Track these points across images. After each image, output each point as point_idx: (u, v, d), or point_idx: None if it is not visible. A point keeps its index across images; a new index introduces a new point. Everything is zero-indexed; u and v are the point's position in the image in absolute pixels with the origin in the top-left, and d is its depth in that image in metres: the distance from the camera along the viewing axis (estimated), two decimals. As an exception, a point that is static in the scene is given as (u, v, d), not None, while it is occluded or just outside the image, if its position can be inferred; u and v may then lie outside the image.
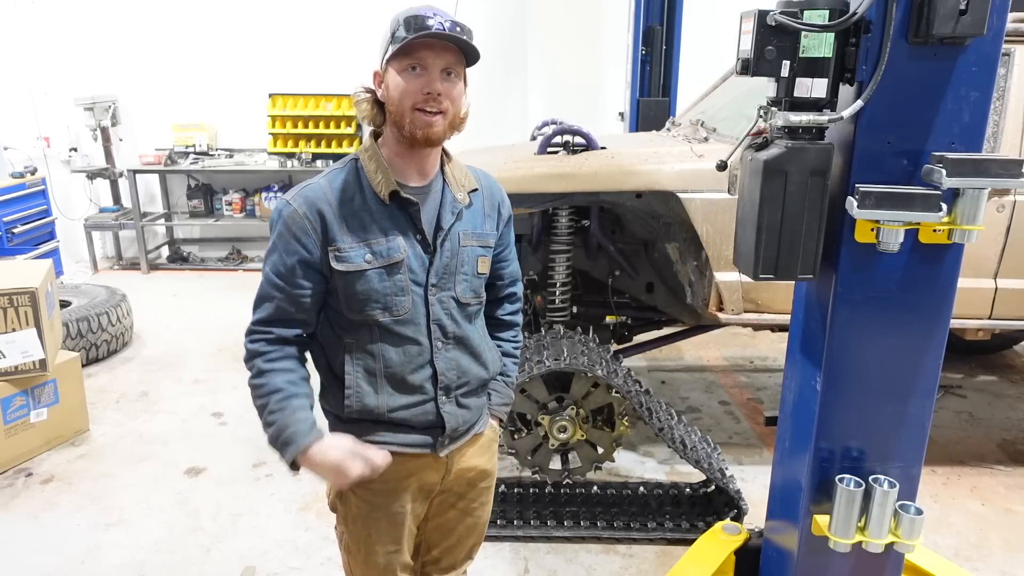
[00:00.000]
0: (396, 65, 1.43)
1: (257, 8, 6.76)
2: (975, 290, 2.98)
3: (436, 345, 1.56)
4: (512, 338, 1.81)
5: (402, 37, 1.39)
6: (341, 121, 6.91)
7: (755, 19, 1.60)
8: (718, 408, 4.12)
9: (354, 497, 1.62)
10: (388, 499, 1.61)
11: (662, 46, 5.82)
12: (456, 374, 1.59)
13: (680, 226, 3.04)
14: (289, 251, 1.48)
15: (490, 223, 1.64)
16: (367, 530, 1.64)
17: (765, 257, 1.71)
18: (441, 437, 1.60)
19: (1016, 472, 3.42)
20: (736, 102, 3.36)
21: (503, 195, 1.69)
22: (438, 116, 1.44)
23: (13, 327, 3.35)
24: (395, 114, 1.45)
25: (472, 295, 1.61)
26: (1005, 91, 2.86)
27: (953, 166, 1.57)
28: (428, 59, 1.42)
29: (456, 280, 1.57)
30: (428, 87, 1.42)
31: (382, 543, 1.65)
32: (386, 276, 1.49)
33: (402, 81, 1.43)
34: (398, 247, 1.50)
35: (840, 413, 1.84)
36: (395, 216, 1.51)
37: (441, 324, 1.56)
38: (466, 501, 1.76)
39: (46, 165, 6.74)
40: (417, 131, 1.44)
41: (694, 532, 2.76)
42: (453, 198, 1.56)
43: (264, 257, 1.54)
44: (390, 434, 1.58)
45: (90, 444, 3.64)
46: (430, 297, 1.54)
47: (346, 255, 1.47)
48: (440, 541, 1.80)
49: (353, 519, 1.65)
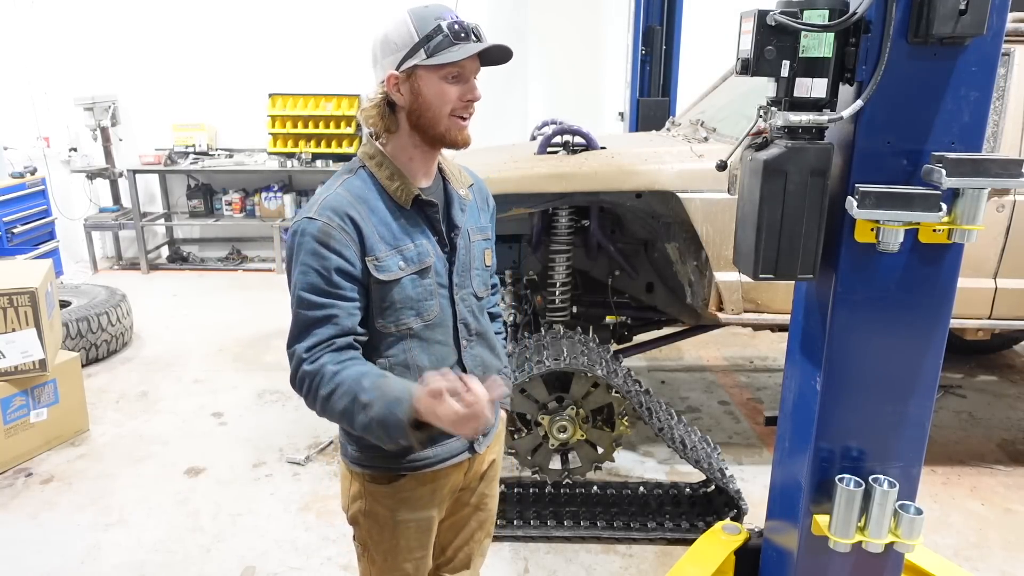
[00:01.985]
0: (436, 71, 1.40)
1: (257, 8, 6.76)
2: (975, 290, 2.98)
3: (462, 344, 1.57)
4: (499, 329, 1.82)
5: (446, 45, 1.38)
6: (341, 121, 6.91)
7: (755, 19, 1.60)
8: (718, 408, 4.12)
9: (382, 509, 1.59)
10: (418, 505, 1.59)
11: (662, 46, 5.82)
12: (481, 369, 1.61)
13: (680, 226, 3.04)
14: (327, 265, 1.39)
15: (484, 216, 1.67)
16: (395, 539, 1.61)
17: (765, 257, 1.71)
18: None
19: (1016, 472, 3.42)
20: (736, 102, 3.36)
21: (487, 188, 1.73)
22: (468, 121, 1.47)
23: (13, 327, 3.35)
24: (429, 119, 1.43)
25: (484, 288, 1.64)
26: (1005, 91, 2.86)
27: (953, 166, 1.57)
28: (469, 67, 1.42)
29: (472, 276, 1.59)
30: (470, 94, 1.44)
31: (410, 550, 1.63)
32: (418, 281, 1.48)
33: (445, 87, 1.41)
34: (426, 251, 1.49)
35: (840, 413, 1.84)
36: (416, 220, 1.50)
37: (466, 323, 1.58)
38: (477, 495, 1.75)
39: (46, 165, 6.74)
40: (457, 136, 1.45)
41: (694, 532, 2.76)
42: (458, 195, 1.57)
43: (291, 284, 1.43)
44: (431, 448, 1.55)
45: (90, 444, 3.64)
46: (455, 297, 1.55)
47: (384, 264, 1.44)
48: (453, 538, 1.78)
49: (380, 530, 1.61)
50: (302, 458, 3.46)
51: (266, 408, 4.03)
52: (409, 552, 1.63)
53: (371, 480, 1.58)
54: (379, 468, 1.56)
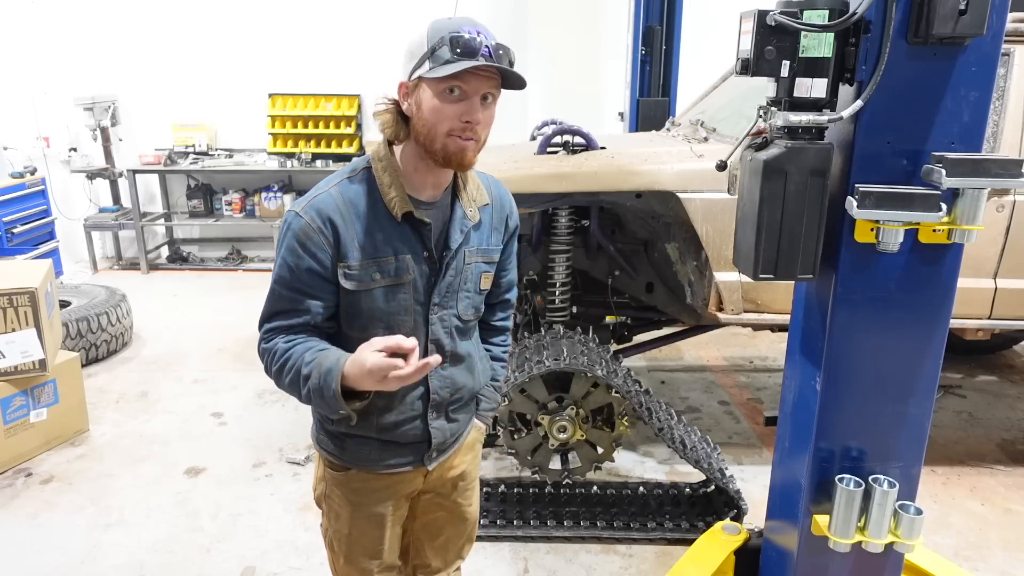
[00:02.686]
0: (433, 86, 1.33)
1: (257, 8, 6.75)
2: (975, 290, 2.98)
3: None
4: (502, 342, 1.80)
5: (445, 58, 1.30)
6: (341, 121, 6.90)
7: (755, 19, 1.60)
8: (718, 408, 4.12)
9: (337, 495, 1.62)
10: (369, 500, 1.61)
11: (662, 46, 5.82)
12: (450, 391, 1.58)
13: (680, 226, 3.04)
14: (300, 264, 1.42)
15: (496, 236, 1.60)
16: (348, 528, 1.64)
17: (765, 257, 1.71)
18: (428, 451, 1.60)
19: (1016, 472, 3.42)
20: (736, 102, 3.36)
21: (512, 207, 1.64)
22: (471, 142, 1.37)
23: (13, 327, 3.35)
24: (426, 136, 1.37)
25: (473, 312, 1.58)
26: (1005, 91, 2.86)
27: (953, 166, 1.57)
28: (470, 84, 1.33)
29: (459, 298, 1.54)
30: (468, 115, 1.34)
31: (362, 542, 1.65)
32: (392, 295, 1.46)
33: (440, 104, 1.34)
34: (406, 267, 1.45)
35: (840, 413, 1.84)
36: (405, 234, 1.45)
37: (439, 342, 1.53)
38: (451, 502, 1.75)
39: (46, 165, 6.74)
40: (451, 156, 1.37)
41: (694, 532, 2.76)
42: (463, 215, 1.51)
43: (274, 268, 1.47)
44: (376, 453, 1.57)
45: (90, 444, 3.64)
46: (431, 316, 1.51)
47: (355, 273, 1.42)
48: (429, 541, 1.79)
49: (336, 517, 1.65)
50: (302, 458, 3.46)
51: (266, 408, 4.03)
52: (362, 545, 1.64)
53: (329, 465, 1.62)
54: (334, 456, 1.60)
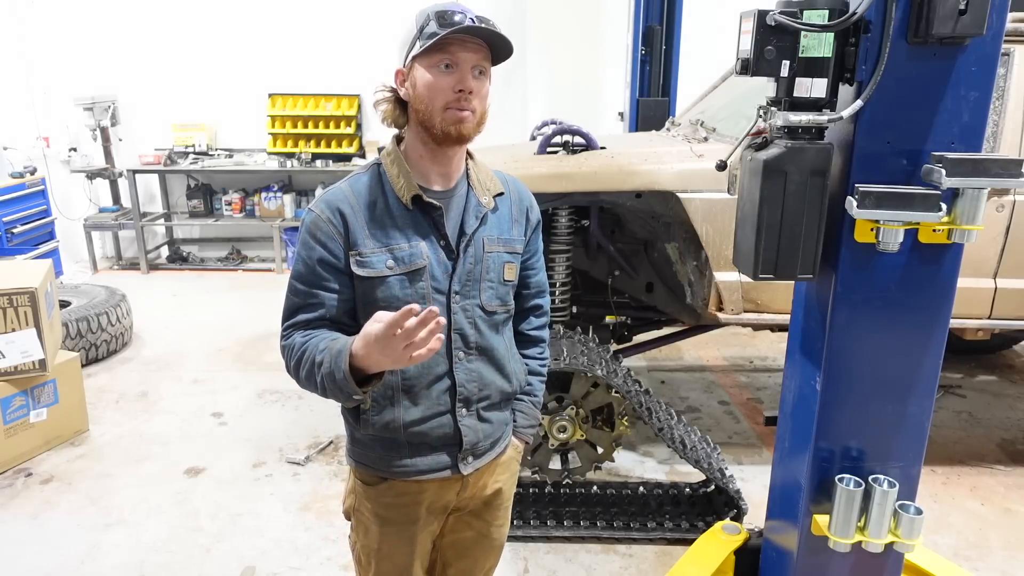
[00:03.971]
0: (425, 62, 1.38)
1: (257, 8, 6.76)
2: (975, 290, 2.98)
3: (456, 355, 1.50)
4: (539, 355, 1.74)
5: (432, 32, 1.35)
6: (341, 121, 6.91)
7: (755, 19, 1.60)
8: (718, 408, 4.12)
9: (367, 509, 1.59)
10: (400, 514, 1.58)
11: (662, 46, 5.82)
12: (477, 386, 1.54)
13: (680, 226, 3.04)
14: (312, 255, 1.44)
15: (518, 228, 1.58)
16: (378, 543, 1.60)
17: (765, 257, 1.71)
18: (460, 453, 1.55)
19: (1016, 472, 3.42)
20: (736, 102, 3.36)
21: (532, 200, 1.64)
22: (467, 112, 1.40)
23: (13, 327, 3.35)
24: (424, 113, 1.40)
25: (499, 303, 1.55)
26: (1005, 91, 2.86)
27: (952, 166, 1.57)
28: (460, 55, 1.37)
29: (481, 287, 1.52)
30: (460, 84, 1.37)
31: (392, 557, 1.61)
32: (408, 283, 1.45)
33: (432, 78, 1.38)
34: (420, 253, 1.45)
35: (840, 413, 1.84)
36: (418, 221, 1.46)
37: (463, 333, 1.51)
38: (482, 522, 1.71)
39: (46, 165, 6.74)
40: (450, 128, 1.39)
41: (694, 532, 2.76)
42: (478, 202, 1.51)
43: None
44: (409, 459, 1.53)
45: (90, 444, 3.64)
46: (453, 305, 1.49)
47: (367, 260, 1.43)
48: (455, 561, 1.75)
49: (365, 531, 1.62)
50: (302, 458, 3.46)
51: (266, 408, 4.03)
52: (391, 559, 1.61)
53: (360, 478, 1.60)
54: (366, 467, 1.58)
